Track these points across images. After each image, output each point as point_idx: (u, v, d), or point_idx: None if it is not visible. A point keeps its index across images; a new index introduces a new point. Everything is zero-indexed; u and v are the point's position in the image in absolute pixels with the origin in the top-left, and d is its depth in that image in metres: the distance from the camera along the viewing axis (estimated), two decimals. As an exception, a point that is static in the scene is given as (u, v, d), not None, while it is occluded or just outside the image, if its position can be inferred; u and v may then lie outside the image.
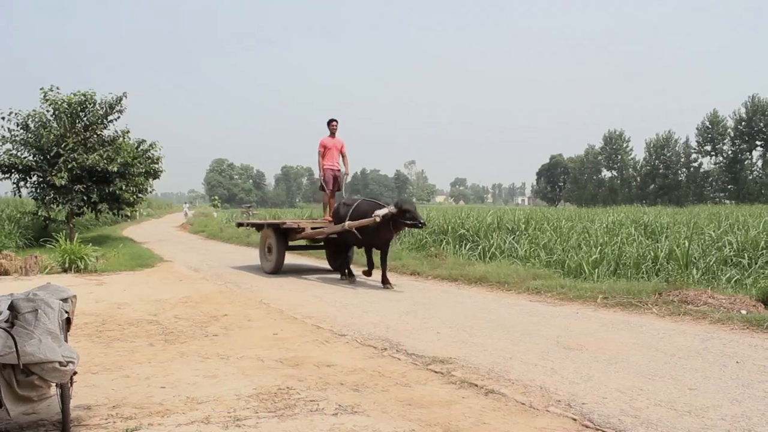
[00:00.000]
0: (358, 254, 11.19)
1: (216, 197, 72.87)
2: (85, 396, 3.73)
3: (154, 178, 18.68)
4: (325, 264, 11.98)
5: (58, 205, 16.71)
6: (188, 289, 8.89)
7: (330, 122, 11.02)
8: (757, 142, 64.47)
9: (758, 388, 3.89)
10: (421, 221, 8.36)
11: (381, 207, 8.75)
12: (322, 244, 11.37)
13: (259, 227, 12.35)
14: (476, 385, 4.00)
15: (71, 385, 3.11)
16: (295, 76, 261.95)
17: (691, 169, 70.17)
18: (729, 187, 65.35)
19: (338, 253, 10.70)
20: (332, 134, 11.04)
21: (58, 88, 16.49)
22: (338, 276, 10.22)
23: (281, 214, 28.61)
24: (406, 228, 9.14)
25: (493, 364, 4.57)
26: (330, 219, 10.51)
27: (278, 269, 10.78)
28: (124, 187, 16.80)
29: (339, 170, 11.19)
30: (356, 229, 9.02)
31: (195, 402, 3.66)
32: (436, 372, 4.37)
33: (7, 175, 16.26)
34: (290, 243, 11.01)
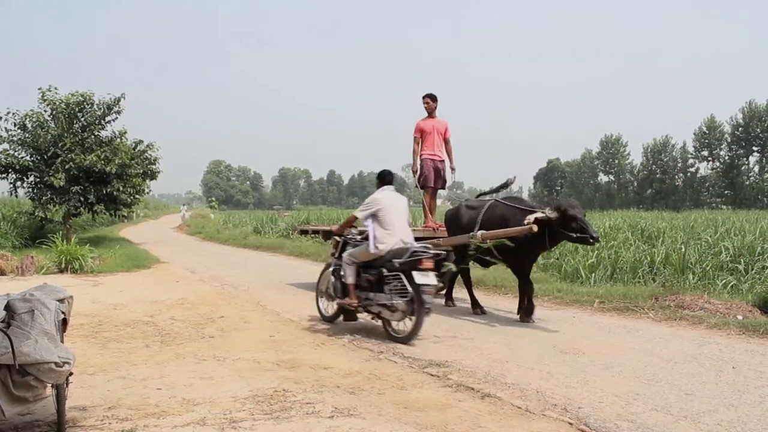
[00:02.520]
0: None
1: (213, 199, 72.93)
2: (80, 397, 3.72)
3: (152, 179, 18.68)
4: None
5: (54, 206, 16.67)
6: (185, 290, 8.87)
7: (424, 98, 8.37)
8: (754, 148, 64.63)
9: (754, 393, 3.90)
10: (594, 234, 5.86)
11: (530, 210, 6.17)
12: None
13: (328, 235, 9.42)
14: (472, 389, 4.00)
15: (67, 385, 3.10)
16: (293, 76, 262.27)
17: (688, 174, 70.32)
18: (726, 192, 65.52)
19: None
20: (430, 114, 8.37)
21: (56, 89, 16.49)
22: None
23: (278, 216, 28.47)
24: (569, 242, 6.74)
25: (490, 367, 4.58)
26: (434, 226, 8.15)
27: None
28: (121, 188, 16.78)
29: (442, 161, 8.45)
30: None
31: (191, 404, 3.66)
32: (432, 375, 4.36)
33: (4, 176, 16.23)
34: None
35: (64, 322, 3.17)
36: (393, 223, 5.86)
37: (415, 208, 15.81)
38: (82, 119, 16.67)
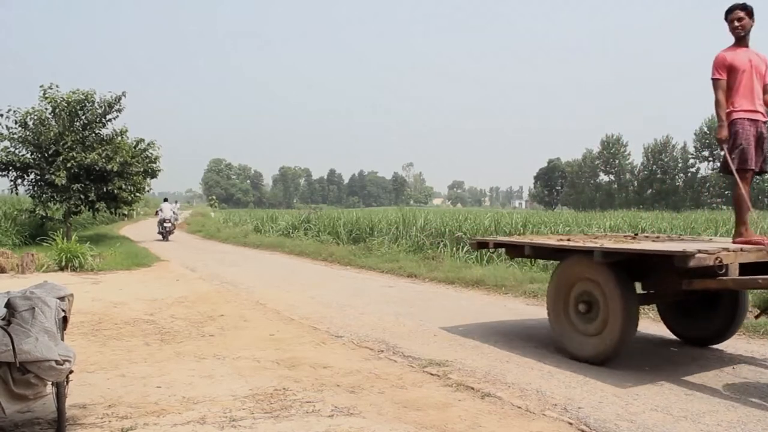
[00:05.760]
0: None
1: (213, 197, 72.93)
2: (80, 395, 3.73)
3: (152, 178, 18.75)
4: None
5: (55, 204, 16.69)
6: (185, 288, 8.87)
7: (734, 11, 4.76)
8: (755, 149, 64.66)
9: (754, 394, 3.90)
10: None
11: None
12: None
13: (544, 254, 5.75)
14: (472, 388, 4.00)
15: (67, 383, 3.11)
16: (294, 75, 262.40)
17: (689, 174, 70.33)
18: (726, 192, 65.38)
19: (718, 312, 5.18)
20: (740, 41, 4.82)
21: (57, 86, 16.50)
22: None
23: (278, 215, 27.92)
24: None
25: (490, 367, 4.57)
26: (762, 241, 4.58)
27: (619, 352, 4.57)
28: (122, 186, 16.80)
29: (766, 121, 4.85)
30: None
31: (191, 402, 3.66)
32: (432, 374, 4.36)
33: (4, 173, 16.26)
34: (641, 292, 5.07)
35: (65, 320, 3.17)
36: (164, 213, 21.16)
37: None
38: (84, 117, 16.69)
